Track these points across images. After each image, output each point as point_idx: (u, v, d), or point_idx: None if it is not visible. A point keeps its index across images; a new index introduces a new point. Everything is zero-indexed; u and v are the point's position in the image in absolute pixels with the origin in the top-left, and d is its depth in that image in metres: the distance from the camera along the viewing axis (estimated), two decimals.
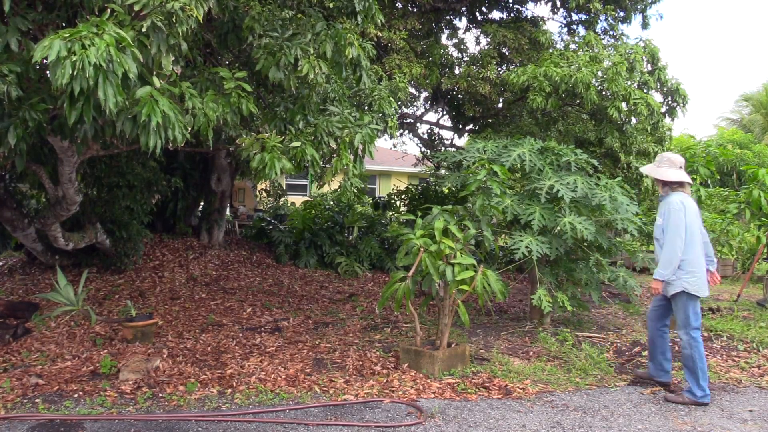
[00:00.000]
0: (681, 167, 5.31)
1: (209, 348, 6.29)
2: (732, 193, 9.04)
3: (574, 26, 12.94)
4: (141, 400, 4.77)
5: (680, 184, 5.25)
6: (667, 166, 5.31)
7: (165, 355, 5.90)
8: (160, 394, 4.91)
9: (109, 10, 4.03)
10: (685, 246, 5.05)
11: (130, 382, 5.13)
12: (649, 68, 10.75)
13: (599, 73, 9.64)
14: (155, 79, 4.26)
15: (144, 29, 4.09)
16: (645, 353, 6.54)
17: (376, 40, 9.67)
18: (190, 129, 4.53)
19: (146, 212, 9.27)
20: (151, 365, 5.44)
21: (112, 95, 3.70)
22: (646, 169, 5.53)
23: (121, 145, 5.93)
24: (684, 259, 5.05)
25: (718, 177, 9.83)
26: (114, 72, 3.70)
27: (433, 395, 5.07)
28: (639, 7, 12.07)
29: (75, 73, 3.55)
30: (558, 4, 12.54)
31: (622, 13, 12.03)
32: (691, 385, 5.02)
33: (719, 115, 55.04)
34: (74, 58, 3.55)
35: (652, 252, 6.44)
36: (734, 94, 66.01)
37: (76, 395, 4.87)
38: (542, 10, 30.54)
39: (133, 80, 3.91)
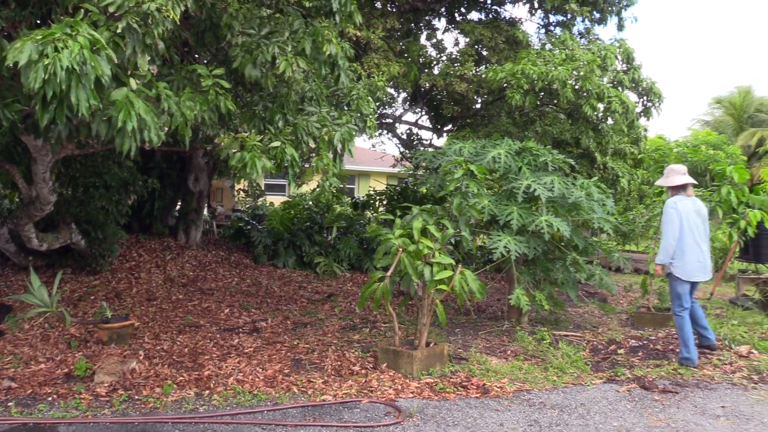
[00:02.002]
0: (684, 173, 6.46)
1: (186, 349, 6.24)
2: (706, 193, 9.18)
3: (551, 27, 13.05)
4: (117, 402, 4.72)
5: (683, 187, 6.38)
6: (674, 175, 6.48)
7: (141, 357, 5.84)
8: (136, 397, 4.86)
9: (82, 10, 3.97)
10: (678, 236, 6.16)
11: (106, 385, 5.07)
12: (624, 67, 10.88)
13: (571, 74, 9.75)
14: (131, 80, 4.22)
15: (119, 30, 4.04)
16: (621, 351, 6.63)
17: (355, 39, 9.66)
18: (167, 129, 4.48)
19: (122, 212, 9.16)
20: (127, 367, 5.37)
21: (84, 99, 3.66)
22: (660, 182, 6.81)
23: (97, 145, 5.86)
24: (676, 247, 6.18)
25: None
26: (87, 75, 3.65)
27: (411, 395, 5.08)
28: (614, 9, 12.22)
29: (47, 77, 3.50)
30: (535, 5, 12.64)
31: (598, 15, 12.16)
32: (681, 348, 6.17)
33: (693, 117, 56.00)
34: (46, 62, 3.49)
35: (628, 251, 6.75)
36: (707, 96, 67.23)
37: (50, 398, 4.80)
38: (520, 12, 30.86)
39: (107, 82, 3.86)
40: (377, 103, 9.47)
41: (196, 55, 6.38)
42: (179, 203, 12.04)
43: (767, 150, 23.76)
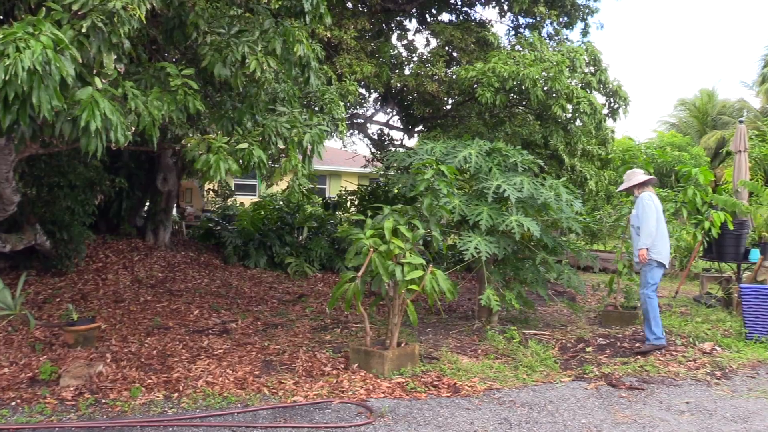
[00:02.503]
0: (643, 173, 7.09)
1: (155, 351, 6.16)
2: (671, 193, 9.37)
3: (521, 29, 13.21)
4: (83, 406, 4.63)
5: (647, 184, 6.94)
6: (636, 175, 7.03)
7: (108, 360, 5.75)
8: (103, 400, 4.78)
9: (44, 8, 3.89)
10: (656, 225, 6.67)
11: (72, 389, 4.98)
12: (592, 70, 11.06)
13: (540, 75, 9.87)
14: (96, 79, 4.15)
15: (84, 29, 3.97)
16: (589, 349, 6.73)
17: (326, 39, 9.64)
18: (134, 128, 4.42)
19: (89, 213, 9.01)
20: (94, 370, 5.28)
21: (47, 101, 3.59)
22: (622, 188, 7.24)
23: (62, 145, 5.74)
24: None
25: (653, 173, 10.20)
26: (51, 76, 3.58)
27: (383, 395, 5.09)
28: (581, 15, 12.42)
29: (8, 78, 3.42)
30: (505, 8, 12.77)
31: (565, 19, 12.34)
32: (646, 332, 6.59)
33: (658, 119, 57.02)
34: (7, 62, 3.42)
35: (596, 251, 6.90)
36: (672, 98, 68.60)
37: (13, 403, 4.69)
38: (490, 14, 31.14)
39: (72, 83, 3.79)
40: (348, 107, 9.47)
41: (165, 53, 6.30)
42: (147, 203, 11.88)
43: (729, 151, 24.32)
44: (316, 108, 6.84)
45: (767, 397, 5.19)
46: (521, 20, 13.07)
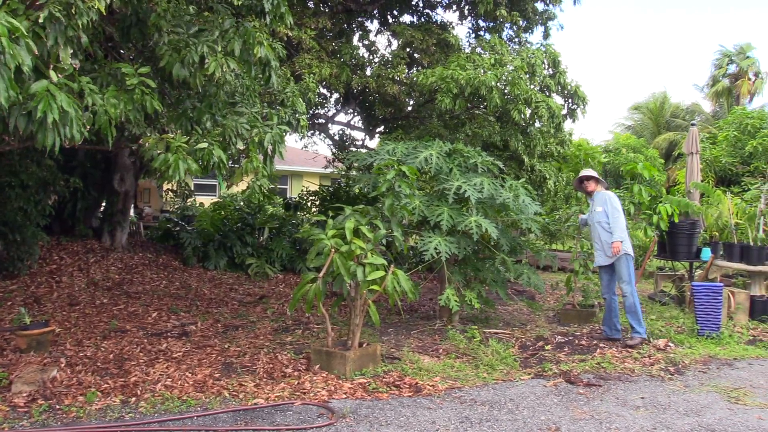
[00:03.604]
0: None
1: (111, 355, 6.02)
2: (627, 194, 9.60)
3: (481, 32, 13.34)
4: (36, 413, 4.51)
5: (602, 183, 7.47)
6: (593, 173, 7.49)
7: (63, 365, 5.60)
8: (58, 406, 4.66)
9: None
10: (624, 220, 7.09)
11: (24, 395, 4.83)
12: (551, 72, 11.23)
13: (499, 81, 9.98)
14: (52, 73, 4.03)
15: (41, 20, 3.86)
16: (548, 347, 6.84)
17: (286, 39, 9.58)
18: (89, 127, 4.31)
19: (42, 214, 8.78)
20: (48, 376, 5.14)
21: (3, 89, 3.47)
22: (585, 173, 7.52)
23: (13, 142, 5.57)
24: None
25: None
26: (6, 64, 3.46)
27: (344, 395, 5.08)
28: (540, 19, 12.62)
29: None
30: (466, 12, 12.88)
31: (525, 23, 12.51)
32: (635, 326, 6.87)
33: (614, 121, 58.52)
34: None
35: (554, 250, 7.04)
36: (627, 101, 70.32)
37: None
38: (451, 16, 31.37)
39: (27, 73, 3.68)
40: (309, 105, 9.42)
41: (122, 51, 6.16)
42: (104, 204, 11.62)
43: (680, 153, 25.04)
44: (277, 103, 6.78)
45: (718, 392, 5.36)
46: (481, 23, 13.21)
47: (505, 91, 10.17)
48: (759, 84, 30.78)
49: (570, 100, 11.49)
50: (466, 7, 12.62)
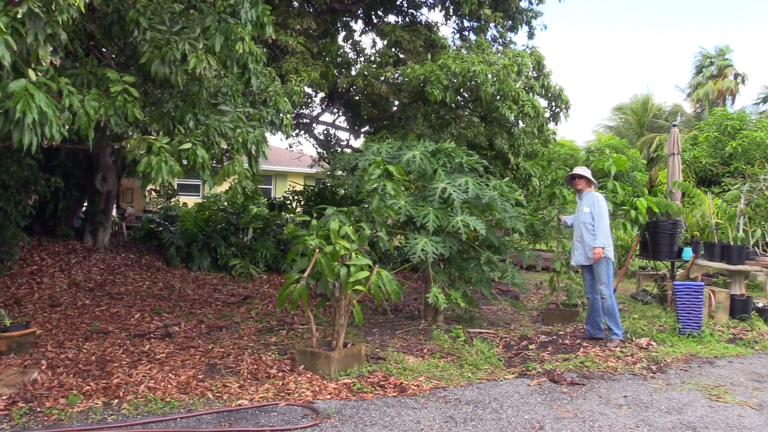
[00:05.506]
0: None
1: (93, 357, 5.96)
2: (610, 193, 9.68)
3: (466, 32, 13.37)
4: (17, 416, 4.45)
5: (593, 183, 7.44)
6: (587, 172, 7.38)
7: (44, 367, 5.53)
8: (39, 409, 4.60)
9: None
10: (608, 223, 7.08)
11: (4, 398, 4.77)
12: (535, 74, 11.31)
13: (489, 75, 10.03)
14: (31, 72, 3.98)
15: (20, 15, 3.80)
16: (532, 347, 6.88)
17: (271, 41, 9.54)
18: (69, 126, 4.26)
19: (23, 214, 8.66)
20: (28, 378, 5.08)
21: None
22: (578, 171, 7.40)
23: None
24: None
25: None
26: None
27: (329, 396, 5.07)
28: (525, 18, 12.68)
29: None
30: (451, 12, 12.91)
31: (510, 22, 12.57)
32: (613, 328, 6.95)
33: (598, 122, 59.11)
34: None
35: (538, 250, 7.06)
36: (611, 102, 70.91)
37: None
38: (436, 17, 31.45)
39: (6, 71, 3.63)
40: (294, 105, 9.39)
41: (104, 50, 6.11)
42: (86, 204, 11.50)
43: (659, 154, 25.34)
44: (260, 103, 6.74)
45: (699, 389, 5.42)
46: (466, 23, 13.24)
47: (495, 87, 10.21)
48: (736, 86, 31.22)
49: (554, 103, 11.57)
50: (451, 6, 12.65)
